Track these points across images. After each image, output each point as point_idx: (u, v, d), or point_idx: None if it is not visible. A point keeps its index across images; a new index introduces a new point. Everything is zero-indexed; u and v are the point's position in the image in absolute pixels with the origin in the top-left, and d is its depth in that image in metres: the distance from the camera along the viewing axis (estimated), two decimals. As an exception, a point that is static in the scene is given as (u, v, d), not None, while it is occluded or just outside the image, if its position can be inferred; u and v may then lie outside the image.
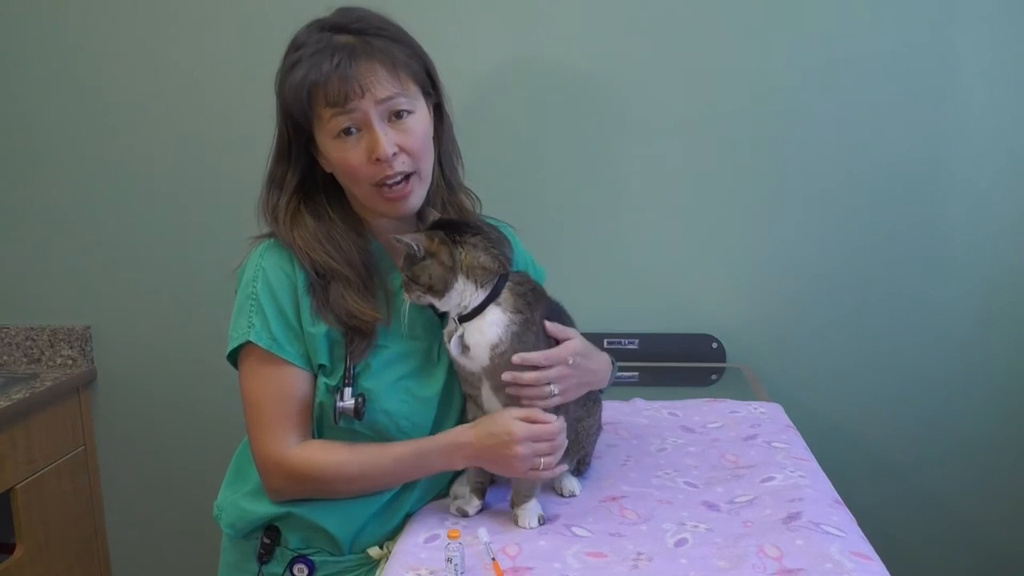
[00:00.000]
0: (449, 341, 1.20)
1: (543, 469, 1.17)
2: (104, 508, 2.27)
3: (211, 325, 1.58)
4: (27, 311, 2.20)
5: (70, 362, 2.19)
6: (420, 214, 1.28)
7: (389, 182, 1.21)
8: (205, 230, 2.09)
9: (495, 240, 1.23)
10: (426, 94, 1.26)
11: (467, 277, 1.17)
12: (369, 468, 1.22)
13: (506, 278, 1.20)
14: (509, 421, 1.17)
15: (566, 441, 1.20)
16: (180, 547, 2.21)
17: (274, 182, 1.27)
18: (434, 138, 1.28)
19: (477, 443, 1.19)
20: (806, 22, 1.92)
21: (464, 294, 1.17)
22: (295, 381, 1.23)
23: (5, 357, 2.21)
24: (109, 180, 2.12)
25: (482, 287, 1.17)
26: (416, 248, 1.16)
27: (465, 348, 1.18)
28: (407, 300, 1.20)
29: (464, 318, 1.19)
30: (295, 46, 1.22)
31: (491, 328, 1.17)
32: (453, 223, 1.22)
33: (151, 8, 2.04)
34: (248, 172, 1.35)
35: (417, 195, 1.25)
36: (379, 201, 1.23)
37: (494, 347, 1.17)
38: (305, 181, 1.27)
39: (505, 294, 1.18)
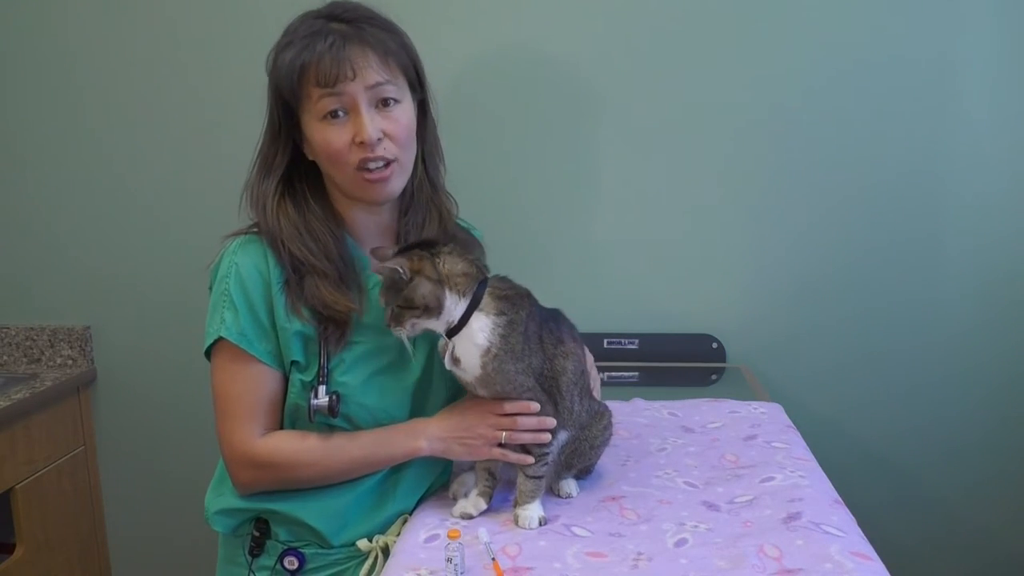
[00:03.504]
0: (444, 357, 1.19)
1: (505, 443, 1.19)
2: (104, 508, 2.27)
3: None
4: (27, 311, 2.20)
5: (70, 362, 2.19)
6: (405, 234, 1.31)
7: (371, 165, 1.22)
8: (205, 230, 2.08)
9: (468, 246, 1.25)
10: (412, 89, 1.27)
11: (451, 289, 1.15)
12: (333, 452, 1.23)
13: (485, 283, 1.19)
14: (482, 419, 1.21)
15: (531, 419, 1.20)
16: (180, 546, 2.21)
17: (264, 167, 1.28)
18: (417, 135, 1.29)
19: (442, 423, 1.23)
20: (807, 24, 1.92)
21: (450, 307, 1.16)
22: (263, 378, 1.24)
23: (5, 357, 2.21)
24: (109, 180, 2.12)
25: (463, 296, 1.16)
26: (401, 271, 1.14)
27: (456, 361, 1.18)
28: (399, 334, 1.17)
29: (452, 332, 1.17)
30: (288, 32, 1.24)
31: (478, 335, 1.16)
32: (420, 242, 1.21)
33: (150, 11, 2.04)
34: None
35: (397, 182, 1.26)
36: (360, 184, 1.24)
37: (483, 354, 1.16)
38: (290, 167, 1.28)
39: (486, 299, 1.17)
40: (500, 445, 1.20)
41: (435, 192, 1.35)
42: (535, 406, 1.20)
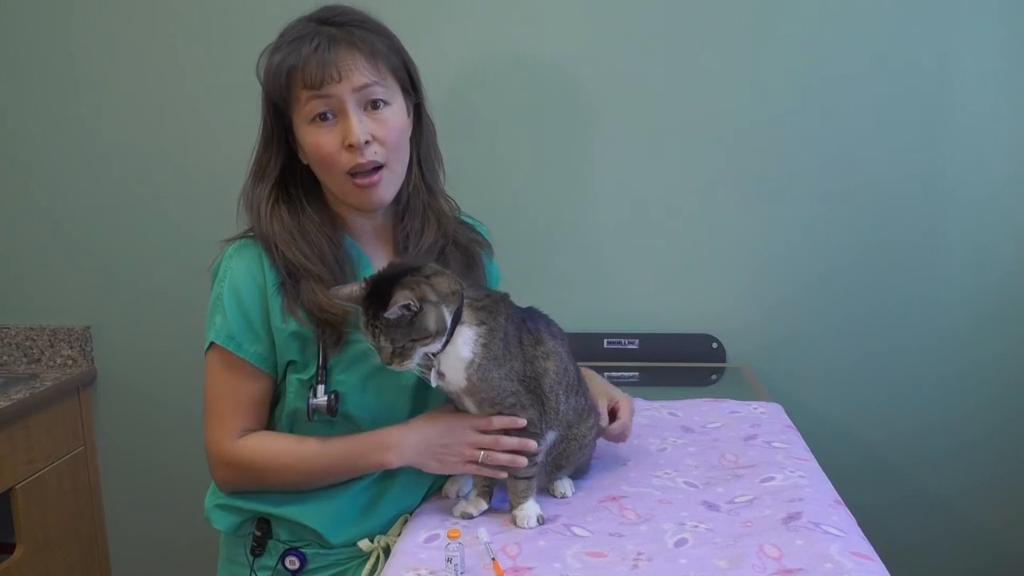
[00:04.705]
0: (430, 373, 1.17)
1: (482, 461, 1.19)
2: (104, 508, 2.27)
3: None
4: (27, 311, 2.20)
5: (70, 362, 2.19)
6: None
7: (360, 171, 1.21)
8: (205, 230, 2.07)
9: (470, 258, 1.27)
10: (405, 92, 1.27)
11: (446, 308, 1.14)
12: (305, 458, 1.23)
13: (463, 296, 1.17)
14: (463, 436, 1.20)
15: (513, 440, 1.19)
16: (180, 546, 2.21)
17: (258, 172, 1.28)
18: (412, 140, 1.29)
19: (420, 433, 1.22)
20: (805, 25, 1.92)
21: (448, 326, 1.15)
22: (251, 381, 1.25)
23: (5, 357, 2.21)
24: (109, 180, 2.12)
25: (451, 314, 1.15)
26: (412, 303, 1.09)
27: (441, 376, 1.17)
28: (407, 369, 1.14)
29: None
30: (280, 36, 1.24)
31: (462, 348, 1.15)
32: (396, 272, 1.14)
33: (152, 12, 2.05)
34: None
35: (388, 188, 1.25)
36: (351, 191, 1.24)
37: (467, 366, 1.16)
38: (285, 172, 1.28)
39: (466, 312, 1.17)
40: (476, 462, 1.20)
41: (432, 197, 1.34)
42: (521, 422, 1.19)
